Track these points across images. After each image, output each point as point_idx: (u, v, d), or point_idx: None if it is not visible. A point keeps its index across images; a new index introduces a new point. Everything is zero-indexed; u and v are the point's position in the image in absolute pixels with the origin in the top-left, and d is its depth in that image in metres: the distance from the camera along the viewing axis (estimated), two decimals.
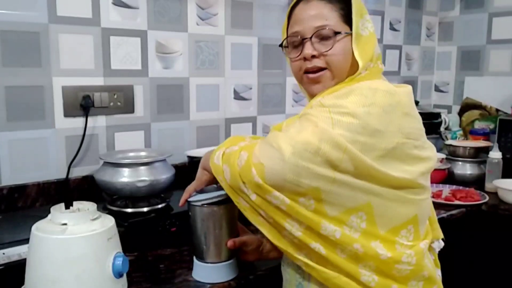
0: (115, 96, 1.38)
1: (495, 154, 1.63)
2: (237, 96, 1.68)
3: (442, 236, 0.94)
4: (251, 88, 1.72)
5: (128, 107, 1.42)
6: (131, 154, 1.32)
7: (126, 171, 1.17)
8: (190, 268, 0.98)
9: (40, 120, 1.28)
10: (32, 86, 1.25)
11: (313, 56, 0.86)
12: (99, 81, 1.36)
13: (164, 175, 1.21)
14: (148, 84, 1.46)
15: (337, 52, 0.85)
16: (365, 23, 0.87)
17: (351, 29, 0.86)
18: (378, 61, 0.89)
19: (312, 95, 0.89)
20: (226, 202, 0.90)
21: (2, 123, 1.22)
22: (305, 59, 0.87)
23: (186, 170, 1.43)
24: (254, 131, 1.75)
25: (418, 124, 0.82)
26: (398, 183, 0.77)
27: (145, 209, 1.17)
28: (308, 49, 0.86)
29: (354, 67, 0.86)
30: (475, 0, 2.22)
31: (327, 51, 0.85)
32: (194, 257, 0.96)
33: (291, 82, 1.83)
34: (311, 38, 0.86)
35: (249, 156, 0.78)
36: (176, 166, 1.36)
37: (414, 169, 0.79)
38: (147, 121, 1.47)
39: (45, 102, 1.28)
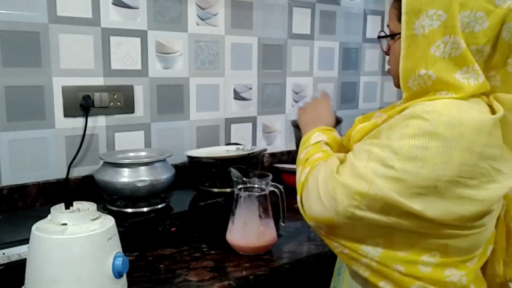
0: (115, 96, 1.38)
1: None
2: (237, 96, 1.68)
3: None
4: (251, 88, 1.72)
5: (128, 107, 1.42)
6: (131, 154, 1.33)
7: (126, 171, 1.17)
8: (190, 268, 0.99)
9: (40, 120, 1.28)
10: (32, 86, 1.25)
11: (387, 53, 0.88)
12: (99, 81, 1.36)
13: (164, 175, 1.21)
14: (148, 84, 1.46)
15: (393, 55, 0.84)
16: (423, 21, 0.74)
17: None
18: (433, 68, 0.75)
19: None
20: None
21: (2, 123, 1.22)
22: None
23: (186, 170, 1.43)
24: (254, 131, 1.75)
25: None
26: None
27: (145, 209, 1.17)
28: (384, 45, 0.88)
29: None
30: None
31: (386, 51, 0.87)
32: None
33: (291, 82, 1.83)
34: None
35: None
36: (176, 166, 1.36)
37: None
38: (147, 121, 1.47)
39: (45, 102, 1.28)
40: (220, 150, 1.50)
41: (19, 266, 0.83)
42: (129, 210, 1.17)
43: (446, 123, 0.68)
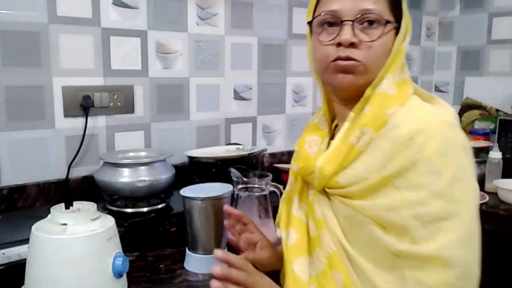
0: (115, 96, 1.38)
1: (495, 154, 1.63)
2: (237, 96, 1.68)
3: None
4: (251, 88, 1.72)
5: (128, 107, 1.42)
6: (131, 154, 1.33)
7: (126, 171, 1.17)
8: None
9: (40, 120, 1.28)
10: (32, 86, 1.25)
11: (351, 44, 0.71)
12: (99, 81, 1.36)
13: (164, 175, 1.21)
14: (148, 84, 1.46)
15: (380, 45, 0.71)
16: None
17: (395, 21, 0.72)
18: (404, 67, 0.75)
19: (338, 88, 0.76)
20: (216, 197, 0.97)
21: (2, 123, 1.22)
22: (339, 44, 0.72)
23: (186, 170, 1.43)
24: (254, 131, 1.75)
25: None
26: None
27: (145, 209, 1.17)
28: (347, 34, 0.70)
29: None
30: (475, 0, 2.22)
31: (372, 41, 0.70)
32: (187, 248, 1.01)
33: (291, 82, 1.83)
34: (353, 21, 0.71)
35: None
36: (176, 166, 1.36)
37: None
38: (147, 121, 1.47)
39: (45, 102, 1.28)
40: (220, 150, 1.50)
41: (19, 266, 0.83)
42: (129, 210, 1.17)
43: (441, 132, 0.66)
